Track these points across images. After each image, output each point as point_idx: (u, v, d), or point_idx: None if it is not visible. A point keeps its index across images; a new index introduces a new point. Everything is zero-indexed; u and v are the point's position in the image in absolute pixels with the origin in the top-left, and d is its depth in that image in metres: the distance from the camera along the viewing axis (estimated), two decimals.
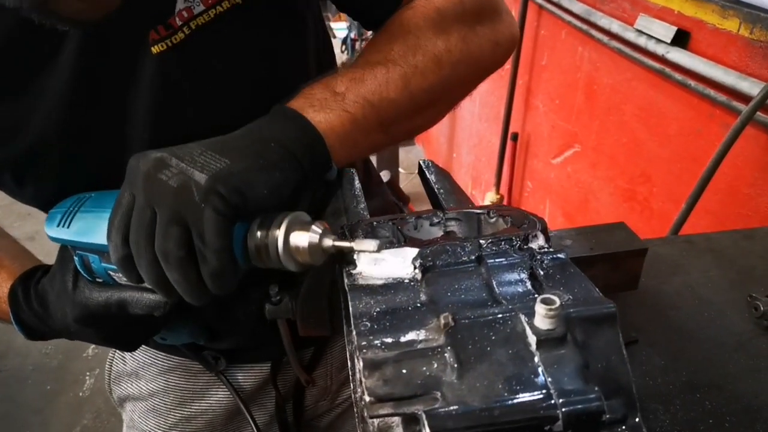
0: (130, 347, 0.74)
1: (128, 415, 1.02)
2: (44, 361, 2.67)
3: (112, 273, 0.62)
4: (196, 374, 0.94)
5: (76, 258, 0.63)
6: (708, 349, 0.70)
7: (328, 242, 0.53)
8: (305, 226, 0.53)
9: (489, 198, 2.91)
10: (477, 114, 3.25)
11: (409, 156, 4.30)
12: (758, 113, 1.21)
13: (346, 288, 0.49)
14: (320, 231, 0.53)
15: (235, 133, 0.58)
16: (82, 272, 0.64)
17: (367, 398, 0.37)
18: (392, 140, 0.70)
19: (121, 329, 0.68)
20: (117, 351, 1.02)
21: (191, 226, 0.50)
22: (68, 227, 0.62)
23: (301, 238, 0.53)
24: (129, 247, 0.53)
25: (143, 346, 0.95)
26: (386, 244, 0.51)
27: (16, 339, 2.73)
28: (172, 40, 0.62)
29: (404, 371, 0.38)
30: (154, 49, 0.62)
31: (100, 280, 0.64)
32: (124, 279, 0.60)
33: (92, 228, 0.61)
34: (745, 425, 0.61)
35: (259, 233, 0.53)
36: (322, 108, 0.60)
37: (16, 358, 2.69)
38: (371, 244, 0.51)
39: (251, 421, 0.91)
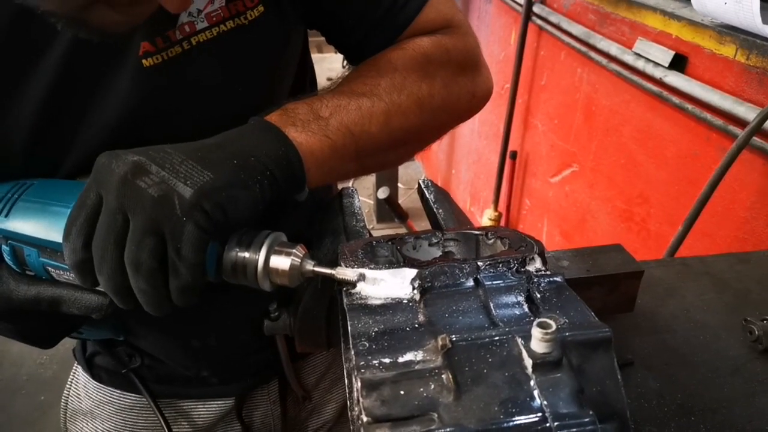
0: (48, 344, 0.70)
1: None
2: (38, 371, 2.66)
3: (50, 269, 0.59)
4: (155, 412, 0.90)
5: (5, 247, 0.60)
6: (703, 373, 0.70)
7: (309, 267, 0.54)
8: (285, 249, 0.54)
9: (487, 215, 2.92)
10: (476, 131, 3.28)
11: (408, 171, 4.32)
12: (754, 138, 1.22)
13: (345, 308, 0.49)
14: (301, 255, 0.54)
15: (211, 140, 0.56)
16: (10, 263, 0.60)
17: (364, 419, 0.37)
18: (363, 171, 0.70)
19: (41, 326, 0.66)
20: (72, 388, 0.99)
21: (168, 238, 0.49)
22: (6, 216, 0.58)
23: (282, 262, 0.53)
24: (89, 251, 0.51)
25: (97, 384, 0.93)
26: (363, 277, 0.51)
27: (10, 349, 2.72)
28: (168, 53, 0.61)
29: (402, 392, 0.39)
30: (146, 62, 0.60)
31: (30, 274, 0.61)
32: (66, 277, 0.58)
33: (37, 221, 0.57)
34: None
35: (237, 251, 0.53)
36: (305, 129, 0.60)
37: (10, 368, 2.68)
38: (352, 273, 0.51)
39: None
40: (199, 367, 0.88)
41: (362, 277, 0.51)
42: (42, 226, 0.56)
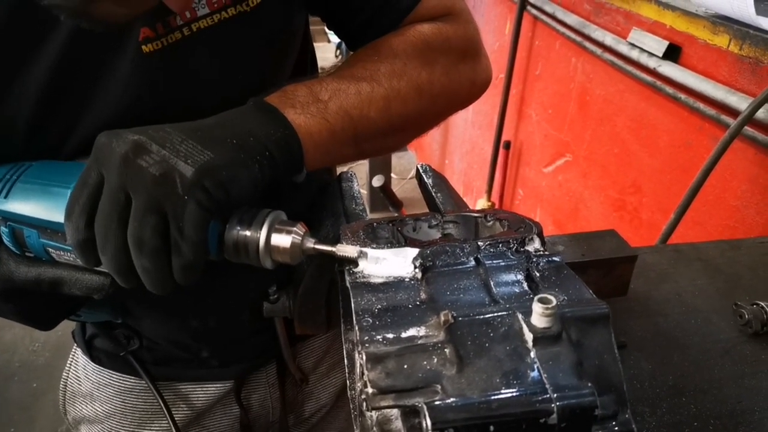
0: (48, 326, 0.70)
1: None
2: (31, 358, 2.65)
3: (51, 250, 0.59)
4: (154, 395, 0.90)
5: (4, 229, 0.59)
6: (694, 355, 0.72)
7: (309, 245, 0.55)
8: (286, 227, 0.54)
9: (480, 205, 2.93)
10: (470, 121, 3.28)
11: (402, 162, 4.32)
12: (746, 128, 1.24)
13: (348, 285, 0.50)
14: (302, 233, 0.55)
15: (210, 120, 0.56)
16: (10, 245, 0.60)
17: (369, 390, 0.38)
18: (361, 155, 0.70)
19: (42, 307, 0.66)
20: (71, 371, 0.99)
21: (170, 217, 0.49)
22: (5, 197, 0.58)
23: (283, 239, 0.54)
24: (92, 230, 0.51)
25: (96, 366, 0.93)
26: (364, 254, 0.52)
27: (3, 336, 2.71)
28: (168, 39, 0.61)
29: (405, 365, 0.40)
30: (146, 48, 0.60)
31: (30, 255, 0.61)
32: (67, 258, 0.58)
33: (37, 201, 0.57)
34: (728, 428, 0.62)
35: (238, 229, 0.54)
36: (304, 111, 0.60)
37: (2, 354, 2.66)
38: (353, 250, 0.52)
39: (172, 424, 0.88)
40: (199, 348, 0.88)
41: (363, 255, 0.52)
42: (42, 207, 0.56)
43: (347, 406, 1.06)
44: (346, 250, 0.52)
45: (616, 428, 0.40)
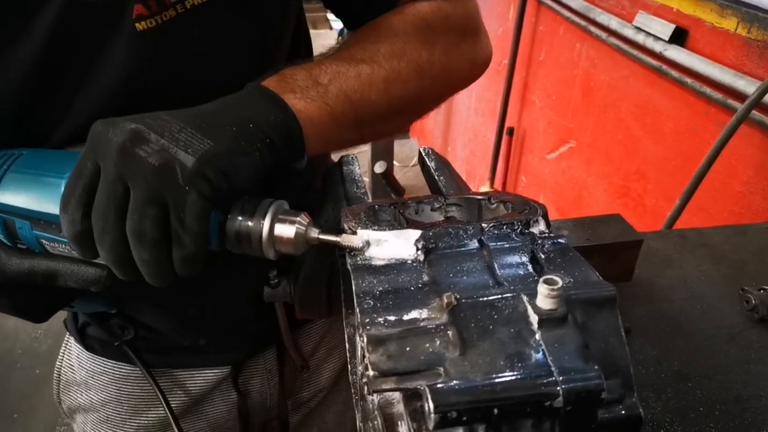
0: (41, 318, 0.69)
1: (80, 427, 0.98)
2: (33, 345, 2.66)
3: (45, 242, 0.57)
4: (150, 381, 0.89)
5: None
6: (700, 341, 0.71)
7: (314, 234, 0.54)
8: (290, 217, 0.53)
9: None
10: (473, 108, 3.26)
11: (404, 149, 4.30)
12: (753, 112, 1.22)
13: (349, 268, 0.49)
14: (305, 223, 0.54)
15: (208, 107, 0.55)
16: (1, 237, 0.59)
17: (371, 373, 0.38)
18: (361, 140, 0.69)
19: (35, 299, 0.65)
20: (65, 359, 0.98)
21: (171, 208, 0.48)
22: None
23: (287, 230, 0.53)
24: (89, 222, 0.50)
25: (90, 354, 0.92)
26: (368, 243, 0.51)
27: (6, 323, 2.72)
28: (162, 17, 0.59)
29: (407, 348, 0.39)
30: (139, 26, 0.58)
31: (23, 247, 0.59)
32: (61, 250, 0.57)
33: (29, 192, 0.55)
34: (734, 414, 0.62)
35: (240, 220, 0.53)
36: (303, 96, 0.59)
37: (4, 341, 2.68)
38: (357, 240, 0.51)
39: (172, 421, 0.87)
40: (196, 336, 0.88)
41: (367, 244, 0.51)
42: (35, 198, 0.55)
43: (345, 390, 1.05)
44: (351, 240, 0.51)
45: (623, 412, 0.40)
